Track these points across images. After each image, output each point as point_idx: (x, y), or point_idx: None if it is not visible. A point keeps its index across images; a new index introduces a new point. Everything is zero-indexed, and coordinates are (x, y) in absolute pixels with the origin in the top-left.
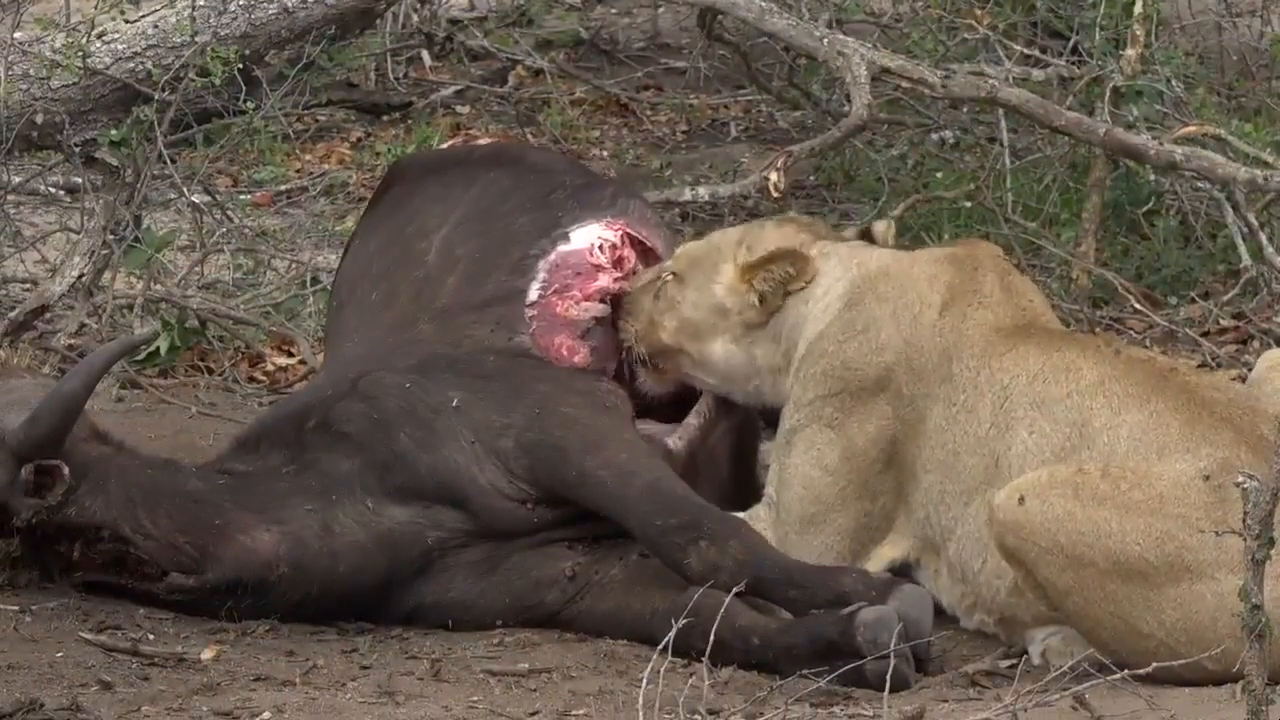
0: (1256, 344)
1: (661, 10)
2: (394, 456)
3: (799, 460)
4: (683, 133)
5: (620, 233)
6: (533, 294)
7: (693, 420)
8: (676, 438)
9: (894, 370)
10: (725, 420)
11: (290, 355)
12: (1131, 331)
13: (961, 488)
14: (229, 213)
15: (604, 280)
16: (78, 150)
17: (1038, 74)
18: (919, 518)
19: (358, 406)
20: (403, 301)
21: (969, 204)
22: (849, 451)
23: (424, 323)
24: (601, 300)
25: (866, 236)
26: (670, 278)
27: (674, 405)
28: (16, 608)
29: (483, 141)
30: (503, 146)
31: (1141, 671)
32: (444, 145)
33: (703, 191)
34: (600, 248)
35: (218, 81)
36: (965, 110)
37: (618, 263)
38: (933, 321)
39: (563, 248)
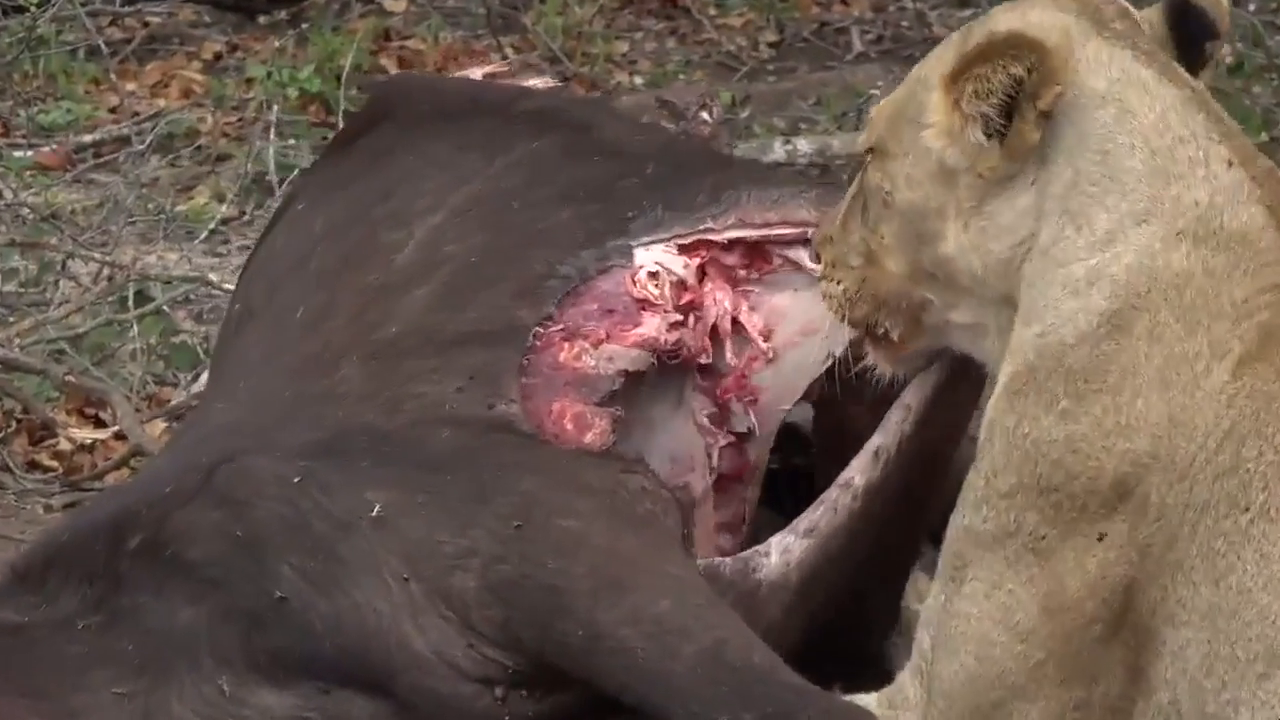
0: None
1: None
2: (269, 603)
3: (972, 608)
4: (769, 45)
5: (697, 265)
6: (530, 335)
7: (799, 529)
8: (764, 555)
9: (1147, 469)
10: (863, 513)
11: (100, 424)
12: None
13: (1248, 653)
14: None
15: (650, 326)
16: None
17: None
18: (1161, 702)
19: (210, 516)
20: (335, 324)
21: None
22: (1056, 601)
23: (351, 363)
24: (648, 350)
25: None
26: (869, 158)
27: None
28: None
29: (538, 84)
30: (570, 103)
31: None
32: (486, 73)
33: (804, 145)
34: (653, 276)
35: None
36: None
37: (687, 307)
38: (1220, 385)
39: (617, 272)
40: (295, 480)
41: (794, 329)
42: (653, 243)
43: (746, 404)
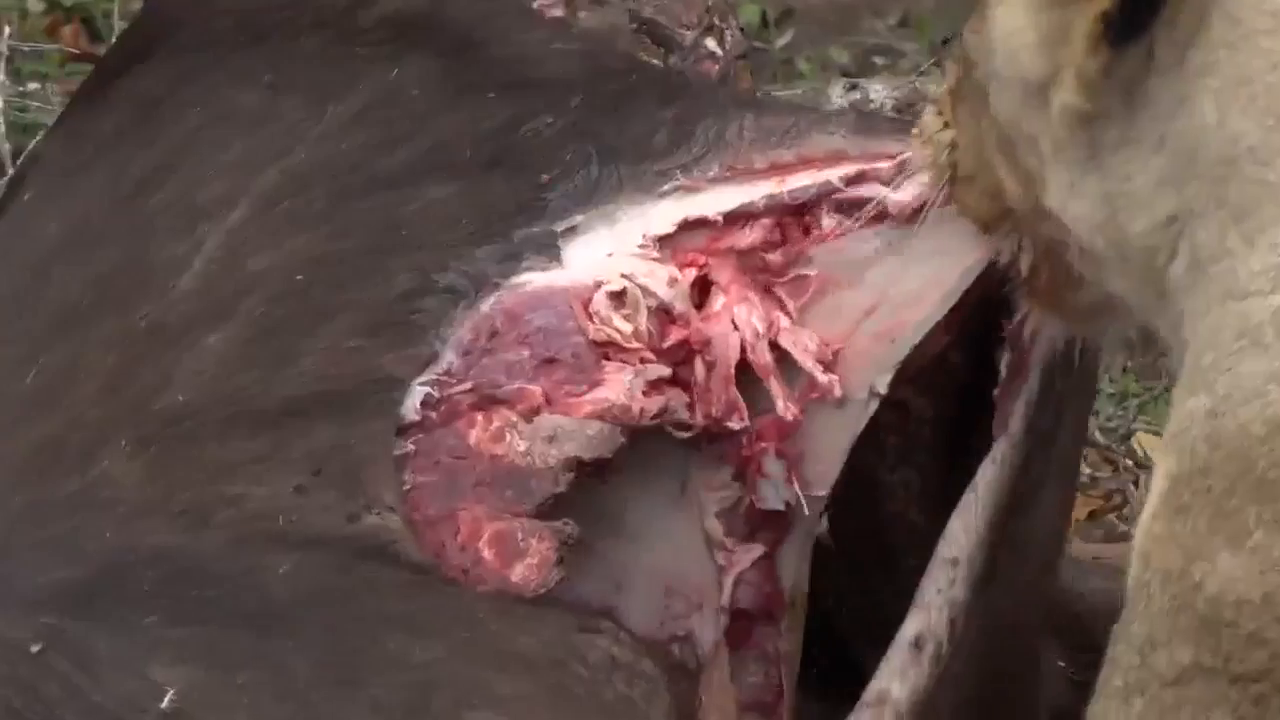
0: None
1: None
2: None
3: None
4: None
5: (694, 276)
6: (415, 400)
7: None
8: None
9: None
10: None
11: None
12: None
13: None
14: None
15: (615, 387)
16: None
17: None
18: None
19: None
20: (85, 391)
21: None
22: None
23: (115, 453)
24: (602, 420)
25: None
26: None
27: None
28: None
29: None
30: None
31: None
32: None
33: (879, 90)
34: (617, 298)
35: None
36: None
37: (682, 350)
38: None
39: (542, 278)
40: (34, 650)
41: (878, 327)
42: (594, 224)
43: (787, 465)
